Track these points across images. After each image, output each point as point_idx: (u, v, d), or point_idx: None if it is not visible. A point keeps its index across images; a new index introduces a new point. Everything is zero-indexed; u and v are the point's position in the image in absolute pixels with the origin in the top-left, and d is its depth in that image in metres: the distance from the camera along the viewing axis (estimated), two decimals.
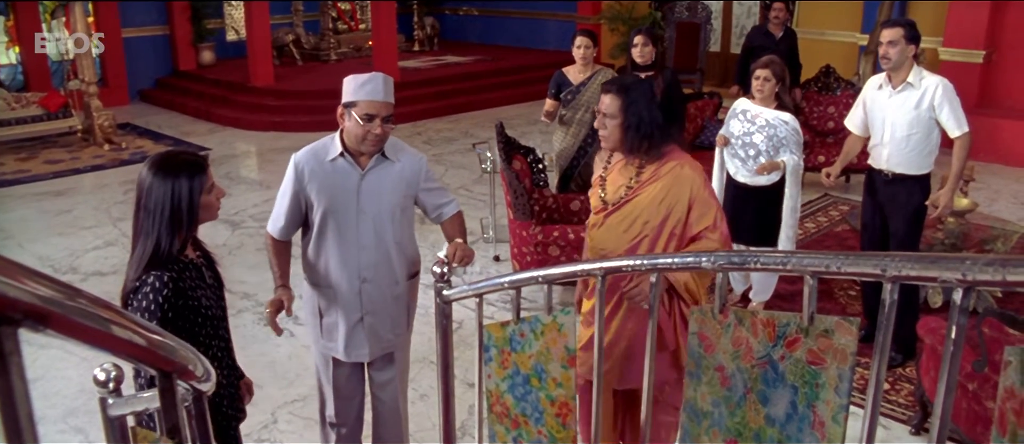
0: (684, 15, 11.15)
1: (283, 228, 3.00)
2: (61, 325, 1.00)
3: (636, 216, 2.95)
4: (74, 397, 4.11)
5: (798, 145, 4.54)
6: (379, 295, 3.03)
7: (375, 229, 2.94)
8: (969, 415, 3.35)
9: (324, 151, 2.93)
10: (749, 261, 2.20)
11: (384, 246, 2.98)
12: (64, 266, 5.82)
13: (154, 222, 2.28)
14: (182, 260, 2.36)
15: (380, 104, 2.81)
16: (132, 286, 2.28)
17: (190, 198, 2.29)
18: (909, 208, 4.17)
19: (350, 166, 2.90)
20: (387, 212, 2.95)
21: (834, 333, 1.74)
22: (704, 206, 2.94)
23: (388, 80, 2.85)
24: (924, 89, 4.03)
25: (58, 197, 7.62)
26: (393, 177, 2.96)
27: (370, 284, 3.00)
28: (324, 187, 2.90)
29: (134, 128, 10.39)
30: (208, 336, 2.42)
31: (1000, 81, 8.69)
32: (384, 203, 2.94)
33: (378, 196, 2.93)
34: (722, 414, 1.94)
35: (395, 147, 2.99)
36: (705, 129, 7.18)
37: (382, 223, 2.95)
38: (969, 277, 1.36)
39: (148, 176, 2.29)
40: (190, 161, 2.35)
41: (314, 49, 13.03)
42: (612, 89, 2.93)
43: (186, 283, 2.32)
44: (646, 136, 2.91)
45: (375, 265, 2.98)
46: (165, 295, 2.25)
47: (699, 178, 2.95)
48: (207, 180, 2.34)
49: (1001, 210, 6.68)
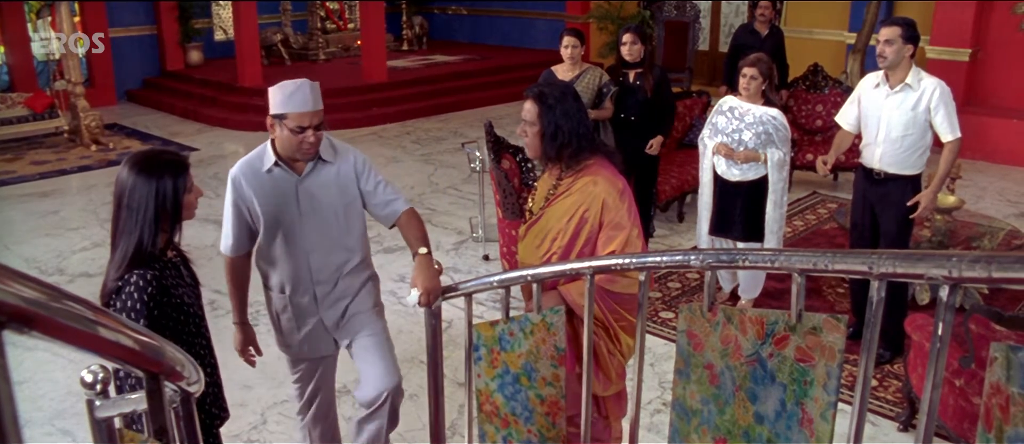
0: (673, 14, 11.17)
1: (233, 244, 2.98)
2: (47, 327, 1.00)
3: (547, 231, 2.83)
4: (61, 399, 4.09)
5: (785, 141, 4.56)
6: (334, 294, 3.03)
7: (319, 232, 2.94)
8: (956, 411, 3.37)
9: (259, 161, 2.91)
10: (737, 259, 2.21)
11: (330, 248, 2.97)
12: (51, 268, 5.78)
13: (137, 221, 2.28)
14: (163, 259, 2.37)
15: (310, 114, 2.77)
16: (114, 286, 2.28)
17: (175, 197, 2.31)
18: (900, 207, 4.18)
19: (286, 174, 2.89)
20: (329, 215, 2.94)
21: (822, 331, 1.75)
22: (613, 229, 2.75)
23: (315, 87, 2.80)
24: (922, 90, 4.02)
25: (44, 198, 7.58)
26: (330, 179, 2.93)
27: (322, 285, 3.00)
28: (264, 198, 2.88)
29: (121, 128, 10.33)
30: (192, 333, 2.43)
31: (986, 79, 8.75)
32: (324, 206, 2.93)
33: (317, 200, 2.92)
34: (711, 412, 1.95)
35: (331, 148, 2.96)
36: (693, 127, 7.20)
37: (326, 226, 2.94)
38: (955, 274, 1.37)
39: (130, 175, 2.30)
40: (173, 160, 2.37)
41: (302, 49, 13.00)
42: (531, 95, 2.77)
43: (169, 281, 2.34)
44: (563, 145, 2.75)
45: (323, 268, 2.98)
46: (150, 293, 2.25)
47: (613, 195, 2.76)
48: (189, 179, 2.37)
49: (987, 207, 6.72)
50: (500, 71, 12.40)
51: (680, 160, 6.72)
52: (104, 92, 11.54)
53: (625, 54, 5.20)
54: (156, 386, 1.51)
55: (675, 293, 5.26)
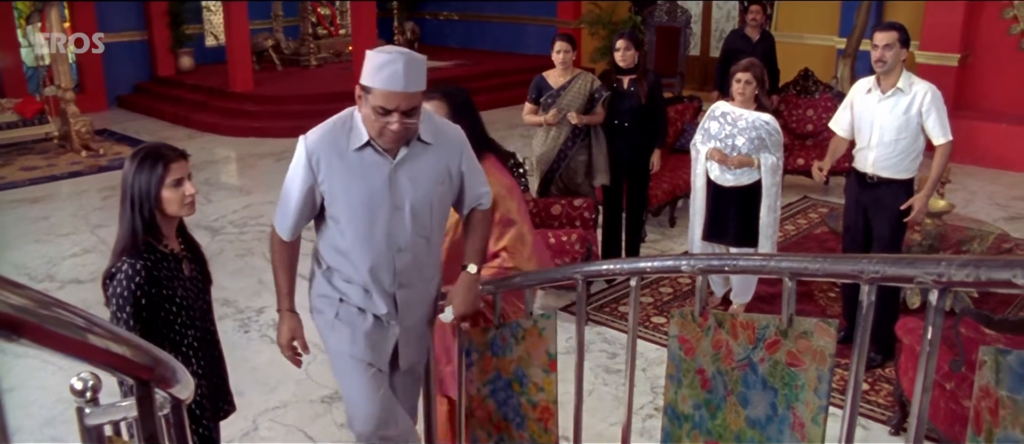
0: (664, 19, 11.20)
1: (292, 226, 2.57)
2: (36, 334, 0.99)
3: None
4: (51, 406, 4.07)
5: (778, 146, 4.57)
6: (416, 301, 2.65)
7: (413, 227, 2.52)
8: (947, 414, 3.38)
9: (344, 137, 2.45)
10: (729, 264, 2.21)
11: (420, 246, 2.57)
12: (41, 274, 5.75)
13: (125, 210, 2.39)
14: (161, 250, 2.42)
15: (400, 96, 2.31)
16: (109, 271, 2.38)
17: (148, 189, 2.37)
18: (893, 211, 4.20)
19: (379, 157, 2.45)
20: (424, 205, 2.52)
21: (813, 335, 1.75)
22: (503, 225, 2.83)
23: (414, 63, 2.33)
24: (913, 94, 4.05)
25: (34, 204, 7.54)
26: (431, 162, 2.50)
27: (406, 290, 2.60)
28: (347, 181, 2.45)
29: (112, 134, 10.29)
30: (184, 325, 2.46)
31: (975, 84, 8.80)
32: (421, 195, 2.50)
33: (414, 188, 2.49)
34: (703, 417, 1.95)
35: (429, 125, 2.51)
36: (685, 132, 7.21)
37: (420, 219, 2.52)
38: (945, 278, 1.38)
39: (125, 166, 2.43)
40: (153, 153, 2.42)
41: (294, 54, 12.98)
42: (439, 95, 2.77)
43: (161, 273, 2.39)
44: None
45: (410, 269, 2.58)
46: (137, 283, 2.32)
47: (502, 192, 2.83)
48: (169, 174, 2.39)
49: (977, 211, 6.75)
50: (492, 76, 12.40)
51: (671, 165, 6.73)
52: (95, 97, 11.48)
53: (619, 60, 5.21)
54: (147, 393, 1.50)
55: (667, 298, 5.26)
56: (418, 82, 2.34)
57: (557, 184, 5.38)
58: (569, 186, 5.35)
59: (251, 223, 6.81)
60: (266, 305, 5.15)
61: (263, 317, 5.02)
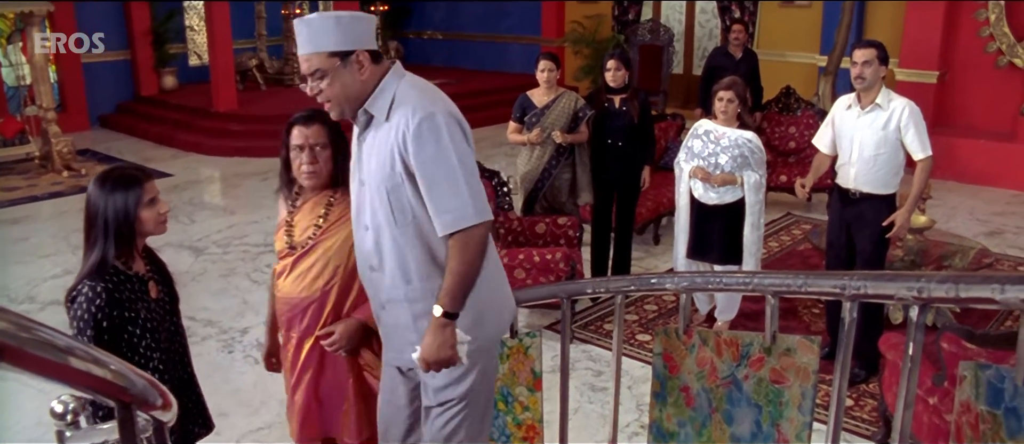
0: (647, 38, 11.28)
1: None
2: (16, 357, 0.98)
3: (326, 261, 2.65)
4: (31, 429, 4.01)
5: (761, 163, 4.61)
6: (387, 292, 2.39)
7: (370, 208, 2.33)
8: (931, 429, 3.40)
9: None
10: (712, 282, 2.22)
11: (379, 232, 2.33)
12: (21, 295, 5.70)
13: (97, 235, 2.37)
14: (125, 272, 2.41)
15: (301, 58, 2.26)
16: (69, 294, 2.37)
17: (126, 210, 2.36)
18: (876, 227, 4.24)
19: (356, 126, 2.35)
20: (374, 188, 2.30)
21: (796, 352, 1.76)
22: None
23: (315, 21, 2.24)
24: (892, 110, 4.12)
25: (15, 225, 7.47)
26: (381, 140, 2.27)
27: (376, 273, 2.39)
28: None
29: (94, 154, 10.23)
30: (148, 348, 2.44)
31: (954, 100, 8.91)
32: (373, 176, 2.30)
33: (368, 166, 2.32)
34: (688, 434, 1.95)
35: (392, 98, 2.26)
36: (668, 150, 7.25)
37: (374, 202, 2.31)
38: (924, 294, 1.39)
39: (91, 190, 2.40)
40: (126, 175, 2.42)
41: (278, 73, 12.96)
42: (319, 119, 2.64)
43: (124, 295, 2.37)
44: (345, 168, 2.57)
45: (371, 254, 2.37)
46: (98, 306, 2.31)
47: None
48: (144, 194, 2.39)
49: (958, 227, 6.82)
50: (476, 95, 12.42)
51: (656, 182, 6.74)
52: (76, 117, 11.43)
53: (610, 80, 5.24)
54: (128, 415, 1.49)
55: (652, 315, 5.27)
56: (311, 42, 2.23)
57: (541, 203, 5.39)
58: (553, 205, 5.37)
59: (235, 243, 6.77)
60: (250, 325, 5.12)
61: (247, 338, 4.99)
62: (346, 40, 2.22)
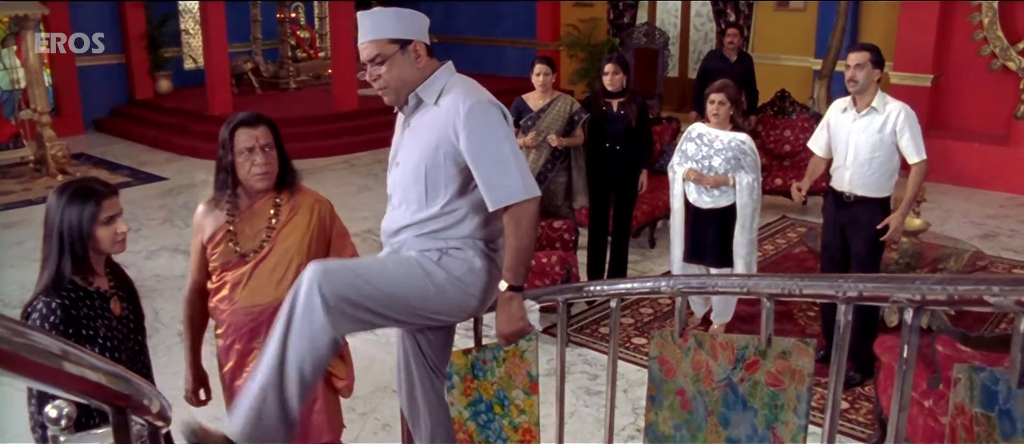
0: (642, 41, 11.29)
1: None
2: (10, 363, 0.98)
3: (289, 261, 2.69)
4: (25, 435, 3.99)
5: (755, 166, 4.61)
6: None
7: (402, 187, 2.44)
8: (926, 431, 3.40)
9: None
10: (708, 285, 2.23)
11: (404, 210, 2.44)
12: (15, 300, 5.67)
13: (52, 248, 2.29)
14: (85, 288, 2.33)
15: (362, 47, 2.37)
16: (25, 310, 2.29)
17: (80, 226, 2.27)
18: (870, 230, 4.25)
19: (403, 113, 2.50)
20: (412, 167, 2.39)
21: (791, 355, 1.76)
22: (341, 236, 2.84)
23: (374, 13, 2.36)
24: (887, 114, 4.14)
25: (9, 229, 7.45)
26: (427, 121, 2.39)
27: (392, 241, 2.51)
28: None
29: (89, 158, 10.21)
30: None
31: (948, 104, 8.95)
32: (411, 155, 2.41)
33: (409, 148, 2.43)
34: (684, 438, 1.95)
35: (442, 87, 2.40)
36: (664, 154, 7.26)
37: (406, 179, 2.42)
38: (919, 297, 1.39)
39: (49, 200, 2.33)
40: (85, 188, 2.33)
41: (273, 77, 12.96)
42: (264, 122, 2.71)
43: (82, 312, 2.29)
44: (289, 169, 2.75)
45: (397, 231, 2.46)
46: (52, 322, 2.23)
47: (329, 205, 2.85)
48: (102, 211, 2.30)
49: (953, 229, 6.84)
50: None
51: (651, 186, 6.75)
52: (71, 121, 11.40)
53: (607, 84, 5.25)
54: (122, 420, 1.48)
55: (647, 319, 5.27)
56: (373, 30, 2.34)
57: None
58: (549, 208, 5.37)
59: None
60: None
61: None
62: (405, 29, 2.36)
